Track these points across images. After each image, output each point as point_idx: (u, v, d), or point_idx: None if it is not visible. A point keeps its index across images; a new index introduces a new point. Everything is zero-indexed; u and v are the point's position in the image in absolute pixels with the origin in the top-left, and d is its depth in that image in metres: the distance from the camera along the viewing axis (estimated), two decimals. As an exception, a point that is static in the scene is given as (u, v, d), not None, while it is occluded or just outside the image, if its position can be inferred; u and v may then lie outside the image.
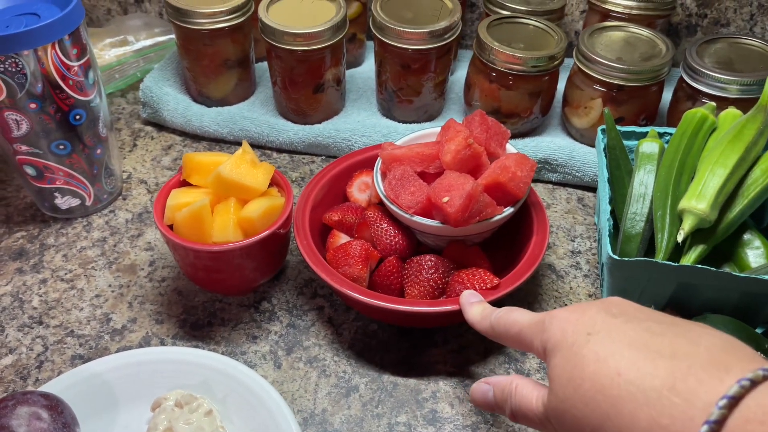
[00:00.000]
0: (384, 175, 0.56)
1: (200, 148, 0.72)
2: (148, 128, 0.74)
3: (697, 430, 0.26)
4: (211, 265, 0.51)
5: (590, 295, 0.56)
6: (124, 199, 0.65)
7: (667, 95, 0.67)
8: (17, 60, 0.51)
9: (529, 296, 0.56)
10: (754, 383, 0.26)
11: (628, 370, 0.29)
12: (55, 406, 0.41)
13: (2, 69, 0.51)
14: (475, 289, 0.49)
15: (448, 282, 0.51)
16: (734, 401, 0.26)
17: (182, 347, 0.49)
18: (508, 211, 0.52)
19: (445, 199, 0.49)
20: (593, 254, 0.60)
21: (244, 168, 0.51)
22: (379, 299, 0.48)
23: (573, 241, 0.61)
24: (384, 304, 0.48)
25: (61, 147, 0.57)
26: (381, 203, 0.57)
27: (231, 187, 0.51)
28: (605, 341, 0.31)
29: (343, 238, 0.56)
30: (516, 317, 0.39)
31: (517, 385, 0.37)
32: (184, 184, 0.54)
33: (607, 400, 0.29)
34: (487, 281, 0.49)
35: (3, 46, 0.50)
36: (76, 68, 0.55)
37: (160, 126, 0.74)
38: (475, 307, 0.44)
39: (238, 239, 0.50)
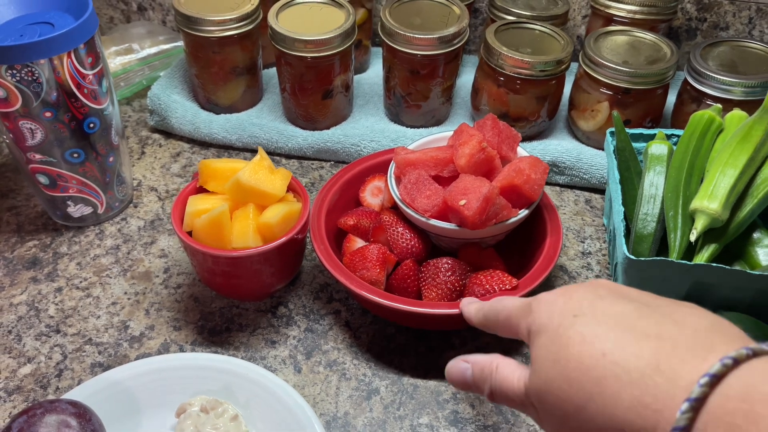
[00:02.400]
0: (398, 180, 0.56)
1: (208, 155, 0.72)
2: (156, 136, 0.75)
3: (678, 407, 0.26)
4: (230, 270, 0.51)
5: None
6: (135, 206, 0.66)
7: (671, 98, 0.68)
8: (33, 69, 0.51)
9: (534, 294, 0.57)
10: (737, 362, 0.26)
11: (614, 350, 0.29)
12: (83, 413, 0.41)
13: (18, 78, 0.51)
14: (494, 290, 0.50)
15: (466, 284, 0.52)
16: (716, 379, 0.26)
17: (203, 353, 0.50)
18: (523, 213, 0.53)
19: (462, 201, 0.50)
20: (603, 255, 0.61)
21: (262, 174, 0.51)
22: (400, 302, 0.49)
23: (583, 242, 0.62)
24: (405, 307, 0.48)
25: (75, 155, 0.57)
26: (394, 207, 0.58)
27: (249, 193, 0.51)
28: (591, 323, 0.31)
29: (358, 243, 0.56)
30: (505, 303, 0.38)
31: (497, 365, 0.36)
32: (201, 190, 0.55)
33: (591, 380, 0.29)
34: (505, 282, 0.50)
35: (20, 55, 0.50)
36: (90, 77, 0.55)
37: (168, 133, 0.75)
38: (472, 305, 0.43)
39: (258, 245, 0.50)
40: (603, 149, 0.67)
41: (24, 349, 0.52)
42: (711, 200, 0.50)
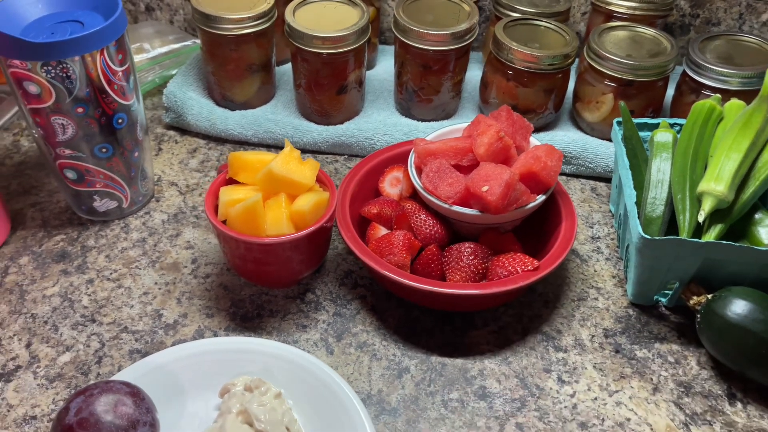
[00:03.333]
0: (418, 169, 0.59)
1: (225, 150, 0.74)
2: (171, 132, 0.76)
3: None
4: (263, 257, 0.53)
5: (614, 277, 0.60)
6: (158, 200, 0.67)
7: (670, 90, 0.72)
8: (67, 65, 0.53)
9: (557, 279, 0.60)
10: None
11: None
12: (137, 392, 0.42)
13: (53, 74, 0.53)
14: (516, 272, 0.52)
15: (488, 267, 0.55)
16: None
17: (240, 337, 0.52)
18: (541, 198, 0.55)
19: (485, 188, 0.53)
20: (612, 239, 0.64)
21: (293, 165, 0.54)
22: (429, 284, 0.51)
23: (592, 227, 0.65)
24: (434, 288, 0.51)
25: (104, 150, 0.59)
26: (413, 197, 0.60)
27: (281, 183, 0.53)
28: None
29: (382, 230, 0.58)
30: None
31: None
32: (230, 182, 0.56)
33: None
34: (527, 263, 0.53)
35: (55, 52, 0.52)
36: (120, 73, 0.57)
37: (183, 130, 0.76)
38: None
39: (291, 232, 0.52)
40: (607, 140, 0.71)
41: (61, 339, 0.54)
42: (717, 183, 0.53)
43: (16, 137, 0.75)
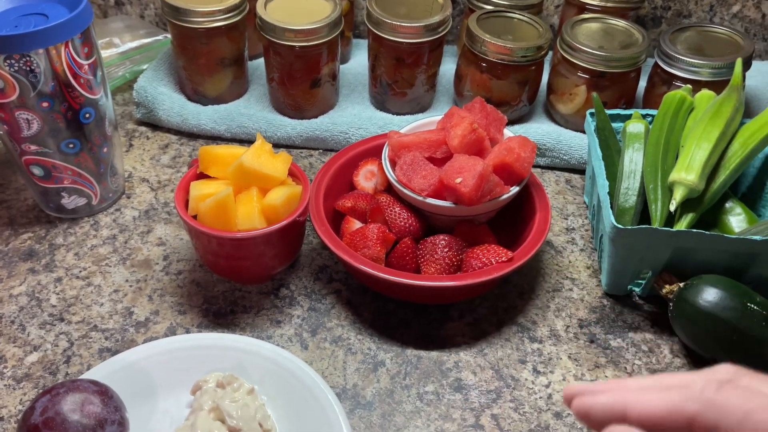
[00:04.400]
0: (392, 162, 0.58)
1: (197, 146, 0.73)
2: (142, 128, 0.75)
3: None
4: (235, 252, 0.53)
5: (588, 267, 0.60)
6: (128, 197, 0.66)
7: (641, 82, 0.72)
8: (31, 59, 0.52)
9: (532, 270, 0.60)
10: None
11: None
12: (104, 391, 0.42)
13: (16, 68, 0.52)
14: (491, 263, 0.52)
15: (463, 258, 0.54)
16: None
17: (213, 333, 0.51)
18: (515, 189, 0.55)
19: (458, 180, 0.52)
20: (586, 230, 0.64)
21: (264, 158, 0.53)
22: (404, 276, 0.51)
23: (566, 219, 0.66)
24: (409, 281, 0.50)
25: (71, 146, 0.58)
26: (388, 190, 0.60)
27: (252, 177, 0.52)
28: None
29: (356, 224, 0.58)
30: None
31: None
32: (201, 176, 0.56)
33: None
34: (501, 254, 0.53)
35: (18, 44, 0.51)
36: (86, 67, 0.56)
37: (154, 126, 0.75)
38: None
39: (263, 226, 0.51)
40: (581, 131, 0.71)
41: (29, 338, 0.52)
42: (688, 172, 0.53)
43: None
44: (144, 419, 0.46)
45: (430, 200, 0.54)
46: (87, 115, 0.58)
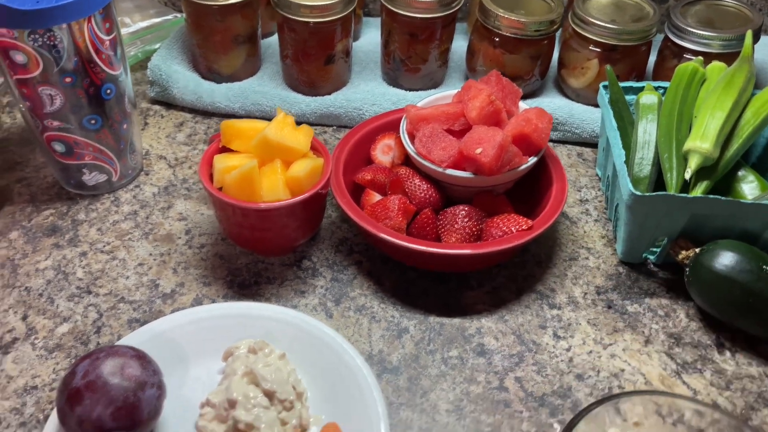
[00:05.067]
0: (411, 135, 0.59)
1: (212, 123, 0.73)
2: (156, 107, 0.75)
3: None
4: (259, 224, 0.54)
5: (603, 237, 0.62)
6: (147, 174, 0.67)
7: (652, 57, 0.73)
8: (54, 34, 0.52)
9: (549, 241, 0.61)
10: None
11: None
12: (143, 356, 0.42)
13: (39, 43, 0.52)
14: (511, 231, 0.53)
15: (483, 228, 0.55)
16: None
17: (241, 302, 0.52)
18: (533, 160, 0.56)
19: (478, 150, 0.53)
20: (599, 202, 0.65)
21: (287, 130, 0.54)
22: (429, 245, 0.52)
23: (579, 191, 0.67)
24: (434, 249, 0.52)
25: (93, 122, 0.58)
26: (405, 163, 0.61)
27: (276, 149, 0.53)
28: None
29: (376, 197, 0.59)
30: None
31: None
32: (224, 150, 0.56)
33: None
34: (521, 223, 0.54)
35: (42, 19, 0.51)
36: (107, 42, 0.56)
37: (168, 105, 0.75)
38: None
39: (287, 198, 0.52)
40: (592, 105, 0.72)
41: (58, 310, 0.53)
42: (703, 140, 0.54)
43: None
44: (177, 386, 0.47)
45: (450, 171, 0.55)
46: (108, 91, 0.58)
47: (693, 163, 0.54)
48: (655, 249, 0.58)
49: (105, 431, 0.38)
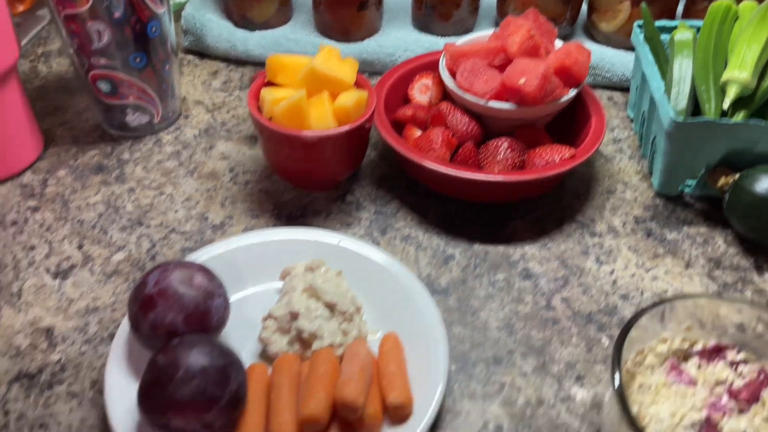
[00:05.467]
0: (450, 71, 0.60)
1: (246, 71, 0.74)
2: (189, 57, 0.76)
3: None
4: (307, 155, 0.54)
5: (638, 173, 0.63)
6: (186, 118, 0.68)
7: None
8: (104, -33, 0.53)
9: (585, 176, 0.62)
10: None
11: None
12: (207, 270, 0.44)
13: (90, -24, 0.53)
14: (554, 160, 0.55)
15: (525, 160, 0.57)
16: None
17: (293, 228, 0.53)
18: (573, 92, 0.57)
19: (522, 80, 0.54)
20: (632, 141, 0.67)
21: (334, 62, 0.54)
22: (478, 172, 0.53)
23: (612, 131, 0.68)
24: (482, 177, 0.53)
25: (138, 60, 0.59)
26: (443, 101, 0.62)
27: (323, 81, 0.54)
28: None
29: (417, 132, 0.60)
30: None
31: None
32: (268, 85, 0.57)
33: None
34: (564, 152, 0.55)
35: (94, -49, 0.52)
36: (153, -21, 0.57)
37: (201, 54, 0.76)
38: None
39: (335, 128, 0.53)
40: (623, 49, 0.72)
41: (112, 240, 0.54)
42: (741, 70, 0.55)
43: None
44: (237, 304, 0.48)
45: (493, 103, 0.56)
46: (153, 29, 0.59)
47: (731, 93, 0.55)
48: (690, 182, 0.59)
49: (177, 336, 0.40)
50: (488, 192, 0.57)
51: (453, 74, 0.60)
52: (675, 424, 0.38)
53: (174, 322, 0.40)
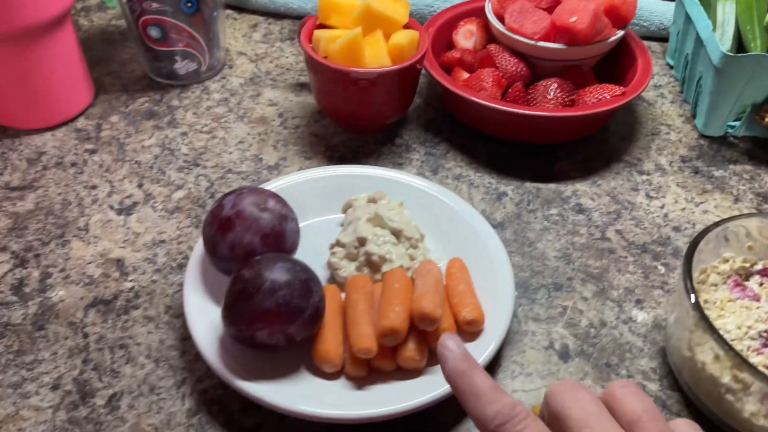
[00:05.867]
0: (497, 15, 0.61)
1: (285, 24, 0.75)
2: (228, 11, 0.77)
3: None
4: (362, 94, 0.55)
5: (681, 116, 0.64)
6: (231, 68, 0.68)
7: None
8: None
9: (629, 119, 0.63)
10: None
11: None
12: (279, 196, 0.45)
13: None
14: (606, 98, 0.56)
15: (574, 99, 0.57)
16: None
17: (350, 165, 0.54)
18: (621, 33, 0.58)
19: (573, 18, 0.55)
20: (673, 86, 0.67)
21: (387, 1, 0.55)
22: (534, 109, 0.54)
23: (652, 78, 0.68)
24: (539, 113, 0.54)
25: (189, 5, 0.60)
26: (488, 45, 0.62)
27: (377, 19, 0.55)
28: None
29: (464, 74, 0.61)
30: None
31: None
32: (319, 28, 0.58)
33: None
34: (614, 89, 0.56)
35: None
36: None
37: (240, 8, 0.77)
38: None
39: (390, 66, 0.54)
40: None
41: (170, 180, 0.55)
42: (788, 8, 0.56)
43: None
44: (301, 234, 0.49)
45: (543, 43, 0.57)
46: (204, -26, 0.59)
47: (778, 31, 0.56)
48: (733, 123, 0.60)
49: (254, 255, 0.41)
50: (539, 130, 0.57)
51: (500, 19, 0.60)
52: (742, 335, 0.40)
53: (252, 242, 0.41)
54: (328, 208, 0.51)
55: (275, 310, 0.37)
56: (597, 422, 0.26)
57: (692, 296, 0.38)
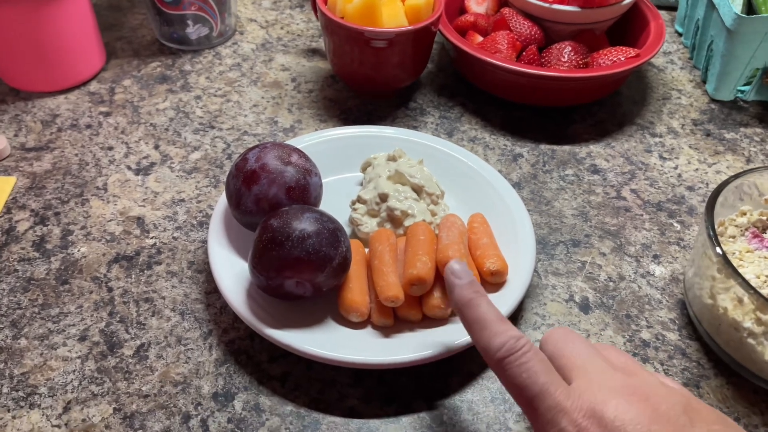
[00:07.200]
0: (511, -21, 0.61)
1: (294, -7, 0.74)
2: (236, -21, 0.76)
3: None
4: (377, 56, 0.55)
5: (691, 81, 0.64)
6: (241, 33, 0.68)
7: None
8: None
9: (640, 84, 0.64)
10: None
11: None
12: (301, 151, 0.45)
13: None
14: (620, 60, 0.56)
15: (588, 62, 0.58)
16: None
17: (368, 126, 0.54)
18: (634, -4, 0.58)
19: (588, -20, 0.55)
20: (682, 53, 0.68)
21: (403, -37, 0.55)
22: (550, 69, 0.54)
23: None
24: (555, 73, 0.54)
25: (202, -33, 0.59)
26: (502, 8, 0.63)
27: (394, -20, 0.55)
28: None
29: (479, 38, 0.61)
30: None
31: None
32: (334, -9, 0.58)
33: None
34: (629, 51, 0.56)
35: None
36: None
37: (247, -23, 0.76)
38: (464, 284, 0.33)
39: (407, 26, 0.54)
40: (668, -33, 0.73)
41: (187, 141, 0.55)
42: (800, -29, 0.56)
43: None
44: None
45: (557, 6, 0.57)
46: (217, -64, 0.59)
47: (790, -6, 0.56)
48: (743, 88, 0.61)
49: (279, 207, 0.41)
50: (555, 92, 0.58)
51: (513, -18, 0.61)
52: (761, 284, 0.40)
53: (277, 195, 0.41)
54: (347, 167, 0.51)
55: (305, 258, 0.38)
56: (588, 358, 0.30)
57: (716, 245, 0.39)
